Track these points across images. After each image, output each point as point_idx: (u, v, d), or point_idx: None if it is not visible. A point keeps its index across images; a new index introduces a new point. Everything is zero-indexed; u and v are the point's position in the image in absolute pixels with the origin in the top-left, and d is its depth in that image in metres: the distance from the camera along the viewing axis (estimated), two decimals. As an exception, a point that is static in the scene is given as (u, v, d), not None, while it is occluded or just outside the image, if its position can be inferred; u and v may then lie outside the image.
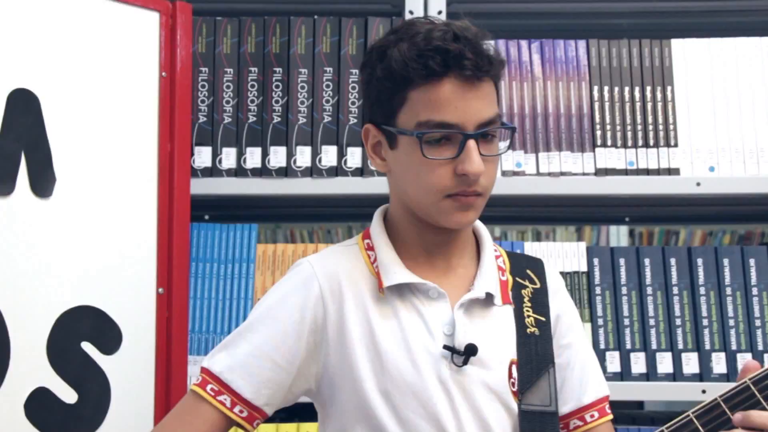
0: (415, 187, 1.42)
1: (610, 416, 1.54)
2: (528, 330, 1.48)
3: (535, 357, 1.47)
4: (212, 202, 2.22)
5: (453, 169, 1.38)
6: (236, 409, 1.44)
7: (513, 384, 1.45)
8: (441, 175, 1.39)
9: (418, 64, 1.38)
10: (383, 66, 1.42)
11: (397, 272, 1.45)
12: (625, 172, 2.16)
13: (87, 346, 1.80)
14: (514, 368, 1.46)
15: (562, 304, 1.56)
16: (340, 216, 2.60)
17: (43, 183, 1.77)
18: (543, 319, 1.51)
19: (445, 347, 1.41)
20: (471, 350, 1.41)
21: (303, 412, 1.93)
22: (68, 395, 1.76)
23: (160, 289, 1.93)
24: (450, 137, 1.39)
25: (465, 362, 1.41)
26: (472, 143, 1.37)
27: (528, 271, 1.55)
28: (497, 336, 1.46)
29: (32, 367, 1.72)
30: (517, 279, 1.53)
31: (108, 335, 1.83)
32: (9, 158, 1.73)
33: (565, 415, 1.52)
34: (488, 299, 1.48)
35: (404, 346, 1.43)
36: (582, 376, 1.53)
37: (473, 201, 1.41)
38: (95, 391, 1.79)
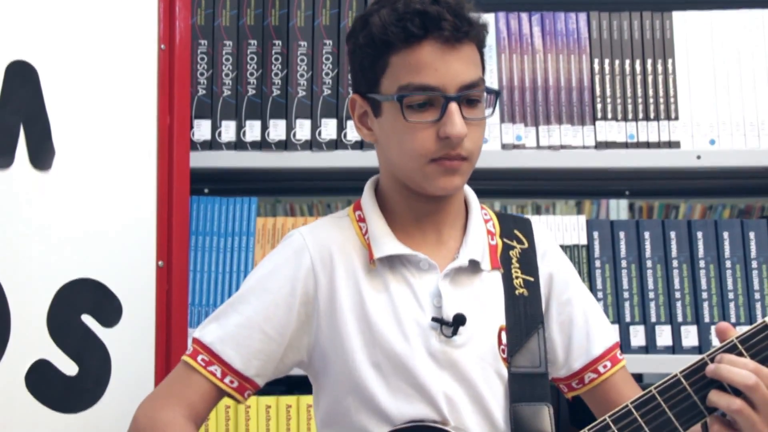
0: (399, 154, 1.42)
1: (624, 362, 1.54)
2: (516, 291, 1.48)
3: (523, 319, 1.47)
4: (212, 175, 2.22)
5: (436, 132, 1.38)
6: (227, 380, 1.45)
7: (503, 350, 1.45)
8: (424, 139, 1.38)
9: (397, 28, 1.38)
10: (365, 33, 1.42)
11: (387, 244, 1.45)
12: (626, 145, 2.16)
13: (87, 319, 1.80)
14: (503, 334, 1.46)
15: (554, 263, 1.55)
16: (339, 189, 2.59)
17: (42, 156, 1.76)
18: (531, 279, 1.50)
19: (434, 319, 1.42)
20: (459, 320, 1.41)
21: (303, 384, 1.93)
22: (69, 367, 1.76)
23: (160, 262, 1.93)
24: (432, 101, 1.38)
25: (454, 333, 1.42)
26: (453, 106, 1.37)
27: (515, 232, 1.54)
28: (485, 303, 1.46)
29: (33, 340, 1.73)
30: (505, 240, 1.52)
31: (108, 308, 1.83)
32: (8, 131, 1.73)
33: (579, 371, 1.52)
34: (475, 266, 1.47)
35: (394, 318, 1.43)
36: (587, 329, 1.52)
37: (458, 165, 1.40)
38: (96, 364, 1.80)
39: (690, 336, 2.09)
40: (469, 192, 1.55)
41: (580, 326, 1.53)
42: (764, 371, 1.24)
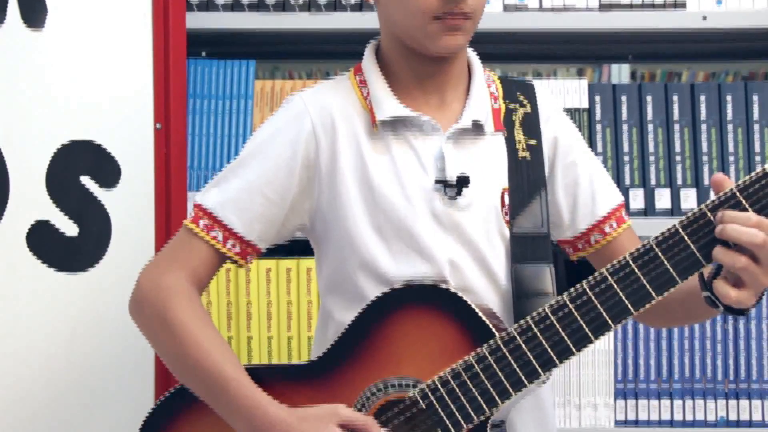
0: (402, 12, 1.39)
1: (629, 222, 1.54)
2: (519, 155, 1.47)
3: (526, 182, 1.47)
4: (209, 37, 2.19)
5: None
6: (228, 244, 1.44)
7: (506, 212, 1.45)
8: None
9: None
10: None
11: (390, 106, 1.44)
12: (630, 6, 2.12)
13: (86, 180, 1.80)
14: (506, 196, 1.46)
15: (557, 126, 1.53)
16: (338, 54, 2.56)
17: (34, 13, 1.74)
18: (534, 143, 1.49)
19: (437, 181, 1.41)
20: (463, 181, 1.41)
21: (304, 248, 1.95)
22: (69, 228, 1.77)
23: (158, 125, 1.91)
24: None
25: (458, 194, 1.41)
26: None
27: (519, 95, 1.52)
28: (489, 165, 1.46)
29: (32, 200, 1.74)
30: (509, 104, 1.51)
31: (107, 169, 1.83)
32: (-2, -13, 1.70)
33: (585, 232, 1.52)
34: (478, 129, 1.46)
35: (397, 181, 1.43)
36: (592, 191, 1.52)
37: (461, 23, 1.38)
38: (96, 225, 1.81)
39: (689, 199, 2.10)
40: (473, 55, 1.53)
41: (585, 188, 1.52)
42: (765, 222, 1.24)
